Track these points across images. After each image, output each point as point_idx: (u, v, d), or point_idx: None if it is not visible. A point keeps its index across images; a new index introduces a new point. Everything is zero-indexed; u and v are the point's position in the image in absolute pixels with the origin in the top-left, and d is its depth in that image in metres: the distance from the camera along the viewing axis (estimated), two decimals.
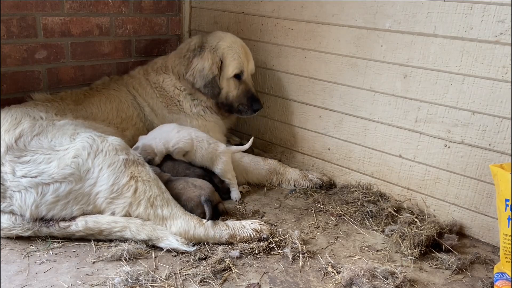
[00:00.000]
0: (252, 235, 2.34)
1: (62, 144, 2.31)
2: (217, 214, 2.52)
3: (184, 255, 2.21)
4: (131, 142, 2.88)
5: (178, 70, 3.17)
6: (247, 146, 2.92)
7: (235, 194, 2.83)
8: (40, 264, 2.10)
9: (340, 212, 2.70)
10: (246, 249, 2.26)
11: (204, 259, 2.18)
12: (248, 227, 2.37)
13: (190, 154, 2.81)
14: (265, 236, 2.35)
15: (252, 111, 3.16)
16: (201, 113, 3.17)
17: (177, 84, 3.16)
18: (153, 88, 3.16)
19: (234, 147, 2.93)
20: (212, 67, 3.04)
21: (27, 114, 2.46)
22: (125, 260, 2.13)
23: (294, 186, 3.04)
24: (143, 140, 2.77)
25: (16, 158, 2.26)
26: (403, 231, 2.44)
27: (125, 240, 2.26)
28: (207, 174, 2.80)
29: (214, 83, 3.07)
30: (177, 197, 2.46)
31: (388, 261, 2.28)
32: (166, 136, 2.77)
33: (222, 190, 2.80)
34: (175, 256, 2.21)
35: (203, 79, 3.06)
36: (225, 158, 2.80)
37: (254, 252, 2.25)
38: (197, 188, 2.52)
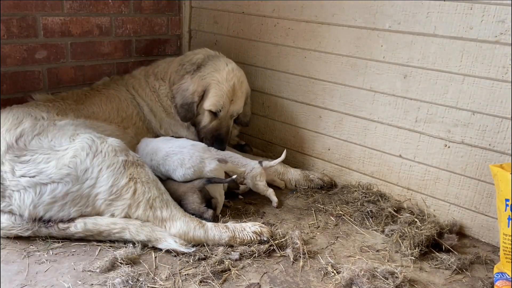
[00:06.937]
0: (252, 238, 2.31)
1: (62, 144, 2.32)
2: (211, 208, 2.51)
3: (184, 255, 2.21)
4: (134, 140, 2.87)
5: (174, 78, 3.10)
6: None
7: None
8: (40, 264, 2.10)
9: (340, 212, 2.69)
10: (246, 251, 2.24)
11: (204, 259, 2.18)
12: (248, 229, 2.34)
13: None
14: (265, 239, 2.32)
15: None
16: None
17: (170, 94, 3.10)
18: (152, 91, 3.14)
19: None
20: (194, 93, 2.96)
21: (29, 114, 2.47)
22: (125, 260, 2.13)
23: (296, 186, 3.04)
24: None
25: (16, 157, 2.26)
26: (403, 231, 2.44)
27: (124, 241, 2.26)
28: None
29: (190, 108, 2.98)
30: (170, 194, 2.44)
31: (388, 261, 2.28)
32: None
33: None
34: (175, 256, 2.21)
35: (182, 99, 2.99)
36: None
37: (254, 255, 2.24)
38: (188, 183, 2.51)
